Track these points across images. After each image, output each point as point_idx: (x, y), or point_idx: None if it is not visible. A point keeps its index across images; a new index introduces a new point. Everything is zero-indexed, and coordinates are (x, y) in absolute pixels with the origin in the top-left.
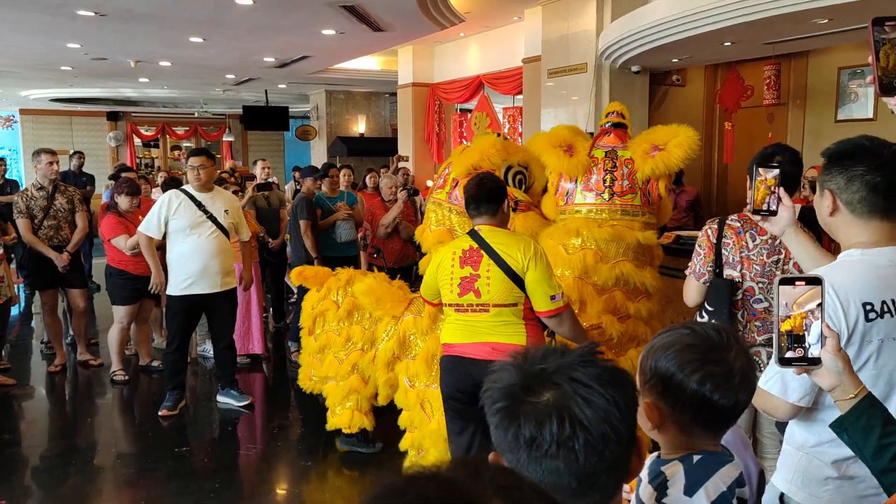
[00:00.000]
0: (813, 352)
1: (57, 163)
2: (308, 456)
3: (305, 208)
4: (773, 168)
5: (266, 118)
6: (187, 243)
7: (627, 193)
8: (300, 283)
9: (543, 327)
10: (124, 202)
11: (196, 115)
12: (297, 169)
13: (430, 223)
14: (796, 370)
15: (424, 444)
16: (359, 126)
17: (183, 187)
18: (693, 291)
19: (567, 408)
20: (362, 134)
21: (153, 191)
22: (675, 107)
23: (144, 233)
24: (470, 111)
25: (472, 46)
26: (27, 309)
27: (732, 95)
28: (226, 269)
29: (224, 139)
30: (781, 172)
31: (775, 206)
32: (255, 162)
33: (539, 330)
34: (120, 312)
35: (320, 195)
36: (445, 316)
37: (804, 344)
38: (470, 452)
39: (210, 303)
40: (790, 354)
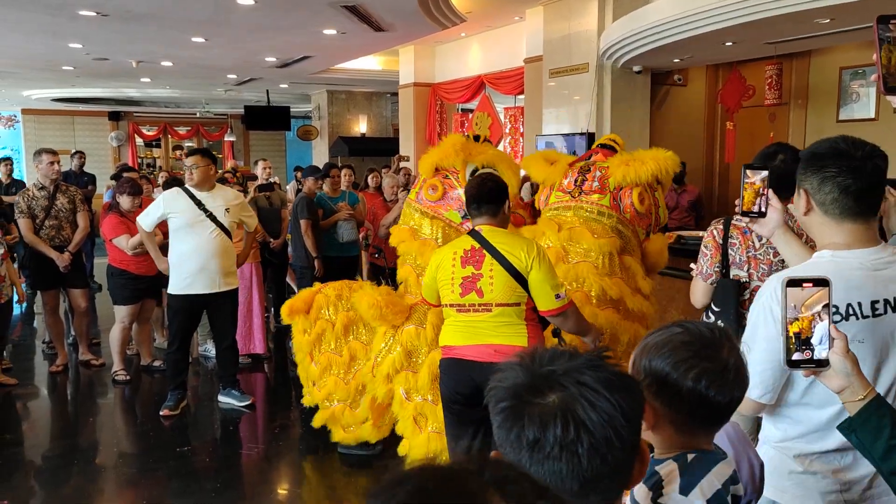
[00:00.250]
0: (820, 353)
1: (58, 163)
2: (309, 456)
3: (306, 208)
4: (761, 170)
5: (268, 118)
6: (187, 242)
7: (595, 193)
8: (291, 321)
9: (544, 326)
10: (126, 202)
11: (198, 115)
12: (299, 169)
13: (401, 222)
14: (804, 372)
15: (412, 455)
16: (360, 126)
17: (185, 186)
18: (700, 292)
19: (572, 411)
20: (364, 134)
21: (155, 191)
22: (677, 107)
23: (141, 224)
24: (471, 111)
25: (474, 46)
26: (29, 309)
27: (734, 95)
28: (226, 270)
29: (226, 139)
30: (782, 172)
31: (764, 208)
32: (257, 162)
33: (539, 331)
34: (121, 312)
35: (322, 195)
36: (445, 317)
37: (811, 346)
38: None
39: (211, 303)
40: (798, 356)
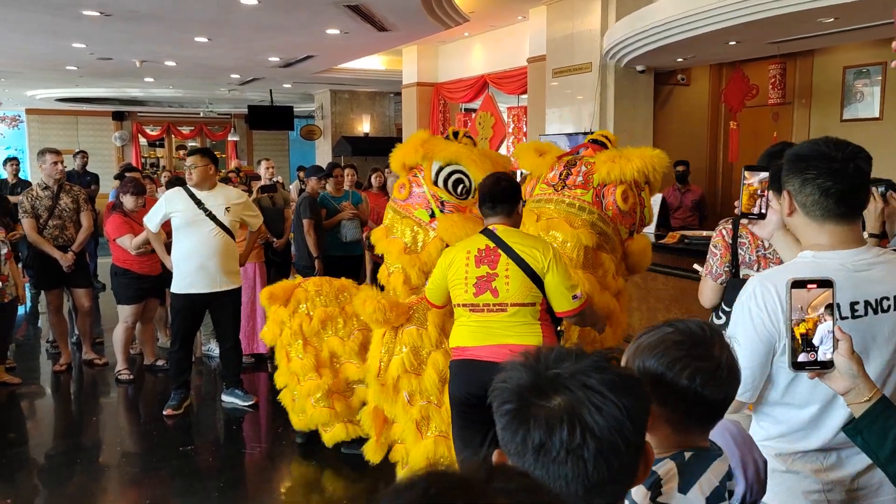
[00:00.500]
0: (825, 355)
1: (62, 162)
2: (312, 455)
3: (308, 207)
4: (760, 171)
5: (271, 118)
6: (187, 241)
7: (579, 188)
8: (270, 305)
9: (556, 324)
10: (129, 202)
11: (201, 115)
12: (302, 168)
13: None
14: (809, 374)
15: (413, 459)
16: (363, 126)
17: (185, 185)
18: (710, 292)
19: (579, 415)
20: (367, 133)
21: (158, 190)
22: (680, 106)
23: (147, 225)
24: (474, 111)
25: (477, 46)
26: (33, 308)
27: (737, 95)
28: (227, 269)
29: (229, 139)
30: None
31: (764, 210)
32: (260, 162)
33: (553, 330)
34: (125, 312)
35: (325, 195)
36: (457, 318)
37: (816, 348)
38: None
39: (212, 302)
40: (803, 358)
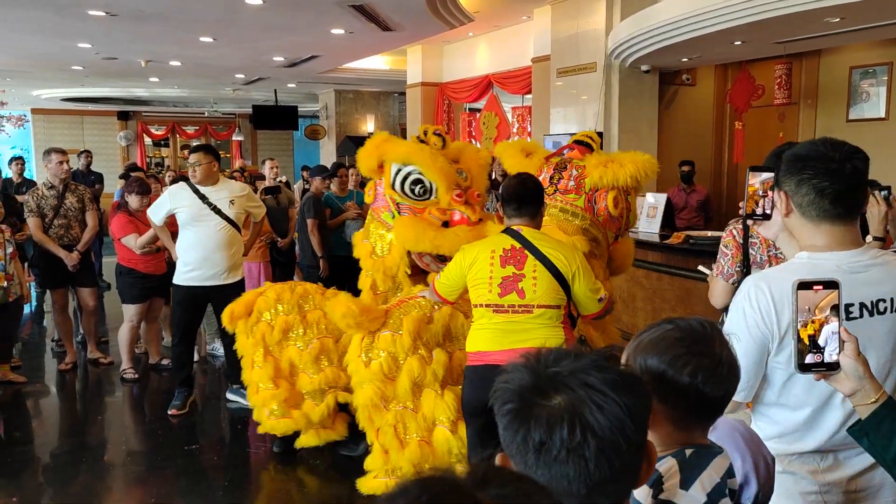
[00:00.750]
0: (831, 357)
1: (67, 162)
2: (317, 454)
3: (313, 207)
4: (764, 172)
5: (275, 117)
6: (191, 234)
7: (571, 193)
8: (233, 328)
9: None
10: (135, 201)
11: (206, 115)
12: (307, 168)
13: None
14: (816, 376)
15: (403, 468)
16: (368, 125)
17: (189, 181)
18: (721, 293)
19: (579, 414)
20: (371, 133)
21: (163, 190)
22: (685, 106)
23: (151, 218)
24: (479, 111)
25: (481, 46)
26: (38, 307)
27: (743, 95)
28: (231, 262)
29: (234, 138)
30: None
31: (769, 210)
32: (264, 161)
33: (572, 332)
34: (130, 311)
35: (329, 195)
36: (477, 319)
37: (822, 349)
38: None
39: (215, 296)
40: (809, 360)
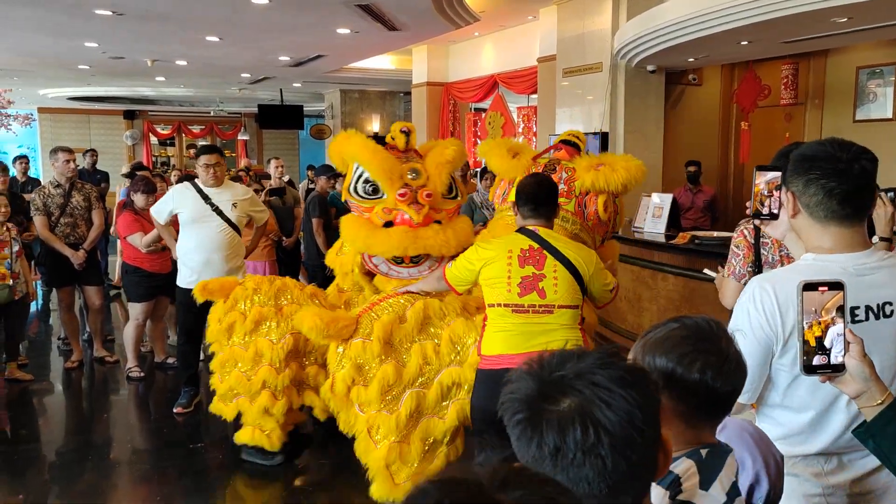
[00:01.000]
0: (836, 358)
1: (74, 161)
2: (322, 453)
3: (318, 207)
4: (771, 171)
5: (281, 117)
6: (193, 237)
7: (561, 196)
8: (205, 299)
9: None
10: (140, 200)
11: (212, 114)
12: (312, 168)
13: None
14: (821, 378)
15: (370, 472)
16: (373, 125)
17: (194, 181)
18: (733, 293)
19: (590, 413)
20: (377, 133)
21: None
22: (691, 106)
23: (154, 217)
24: (484, 110)
25: (487, 46)
26: (45, 306)
27: (749, 95)
28: (232, 265)
29: (239, 138)
30: None
31: (777, 210)
32: (270, 161)
33: (586, 335)
34: (135, 310)
35: (335, 194)
36: (492, 320)
37: (827, 351)
38: None
39: None
40: (815, 361)
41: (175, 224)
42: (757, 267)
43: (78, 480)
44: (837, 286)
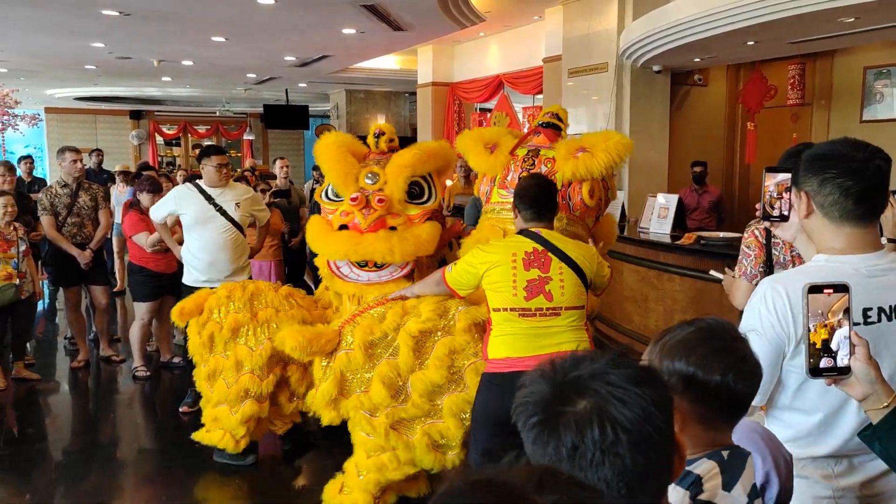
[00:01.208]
0: (842, 361)
1: (81, 160)
2: (329, 452)
3: None
4: (781, 173)
5: (286, 117)
6: (197, 238)
7: None
8: (185, 322)
9: None
10: (146, 199)
11: (217, 114)
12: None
13: None
14: (827, 381)
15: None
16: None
17: (197, 182)
18: (744, 294)
19: (607, 412)
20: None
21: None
22: (697, 107)
23: (153, 216)
24: (490, 111)
25: (492, 46)
26: (51, 305)
27: (755, 95)
28: (237, 265)
29: (245, 138)
30: None
31: (787, 212)
32: (275, 161)
33: (590, 335)
34: (141, 309)
35: None
36: (498, 324)
37: (833, 353)
38: None
39: None
40: (824, 364)
41: (176, 225)
42: (768, 267)
43: (84, 480)
44: (843, 288)
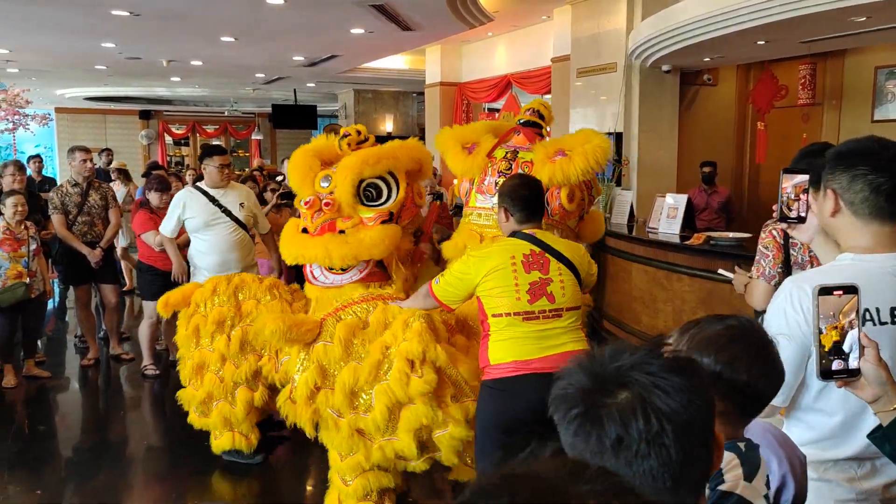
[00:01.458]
0: (853, 363)
1: (91, 160)
2: None
3: None
4: (799, 174)
5: (295, 117)
6: (205, 240)
7: None
8: (170, 313)
9: None
10: (155, 198)
11: (226, 114)
12: None
13: None
14: (837, 383)
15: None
16: (386, 125)
17: (197, 184)
18: (762, 295)
19: (650, 402)
20: (390, 133)
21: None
22: (706, 107)
23: (163, 233)
24: (498, 111)
25: (501, 46)
26: (62, 304)
27: (766, 95)
28: (245, 263)
29: (253, 137)
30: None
31: (804, 213)
32: (283, 161)
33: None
34: (150, 308)
35: None
36: (498, 330)
37: (844, 355)
38: None
39: None
40: (836, 366)
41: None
42: (786, 268)
43: (94, 477)
44: (852, 290)
